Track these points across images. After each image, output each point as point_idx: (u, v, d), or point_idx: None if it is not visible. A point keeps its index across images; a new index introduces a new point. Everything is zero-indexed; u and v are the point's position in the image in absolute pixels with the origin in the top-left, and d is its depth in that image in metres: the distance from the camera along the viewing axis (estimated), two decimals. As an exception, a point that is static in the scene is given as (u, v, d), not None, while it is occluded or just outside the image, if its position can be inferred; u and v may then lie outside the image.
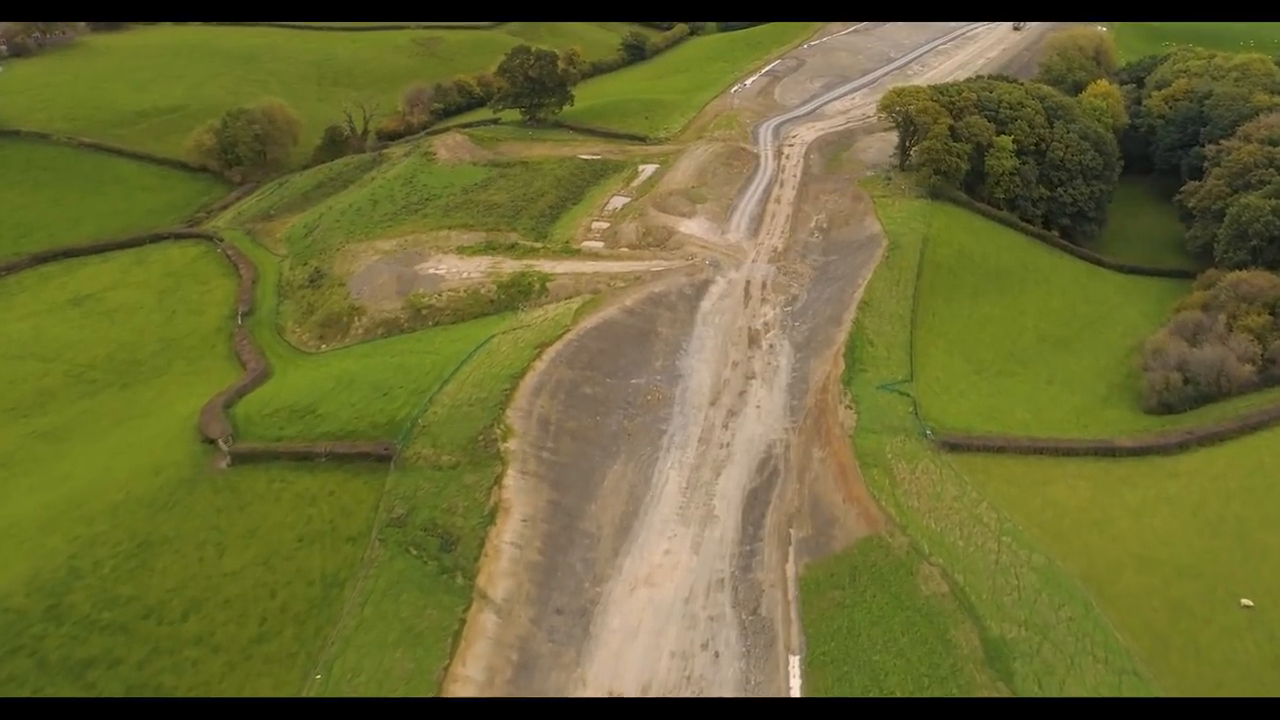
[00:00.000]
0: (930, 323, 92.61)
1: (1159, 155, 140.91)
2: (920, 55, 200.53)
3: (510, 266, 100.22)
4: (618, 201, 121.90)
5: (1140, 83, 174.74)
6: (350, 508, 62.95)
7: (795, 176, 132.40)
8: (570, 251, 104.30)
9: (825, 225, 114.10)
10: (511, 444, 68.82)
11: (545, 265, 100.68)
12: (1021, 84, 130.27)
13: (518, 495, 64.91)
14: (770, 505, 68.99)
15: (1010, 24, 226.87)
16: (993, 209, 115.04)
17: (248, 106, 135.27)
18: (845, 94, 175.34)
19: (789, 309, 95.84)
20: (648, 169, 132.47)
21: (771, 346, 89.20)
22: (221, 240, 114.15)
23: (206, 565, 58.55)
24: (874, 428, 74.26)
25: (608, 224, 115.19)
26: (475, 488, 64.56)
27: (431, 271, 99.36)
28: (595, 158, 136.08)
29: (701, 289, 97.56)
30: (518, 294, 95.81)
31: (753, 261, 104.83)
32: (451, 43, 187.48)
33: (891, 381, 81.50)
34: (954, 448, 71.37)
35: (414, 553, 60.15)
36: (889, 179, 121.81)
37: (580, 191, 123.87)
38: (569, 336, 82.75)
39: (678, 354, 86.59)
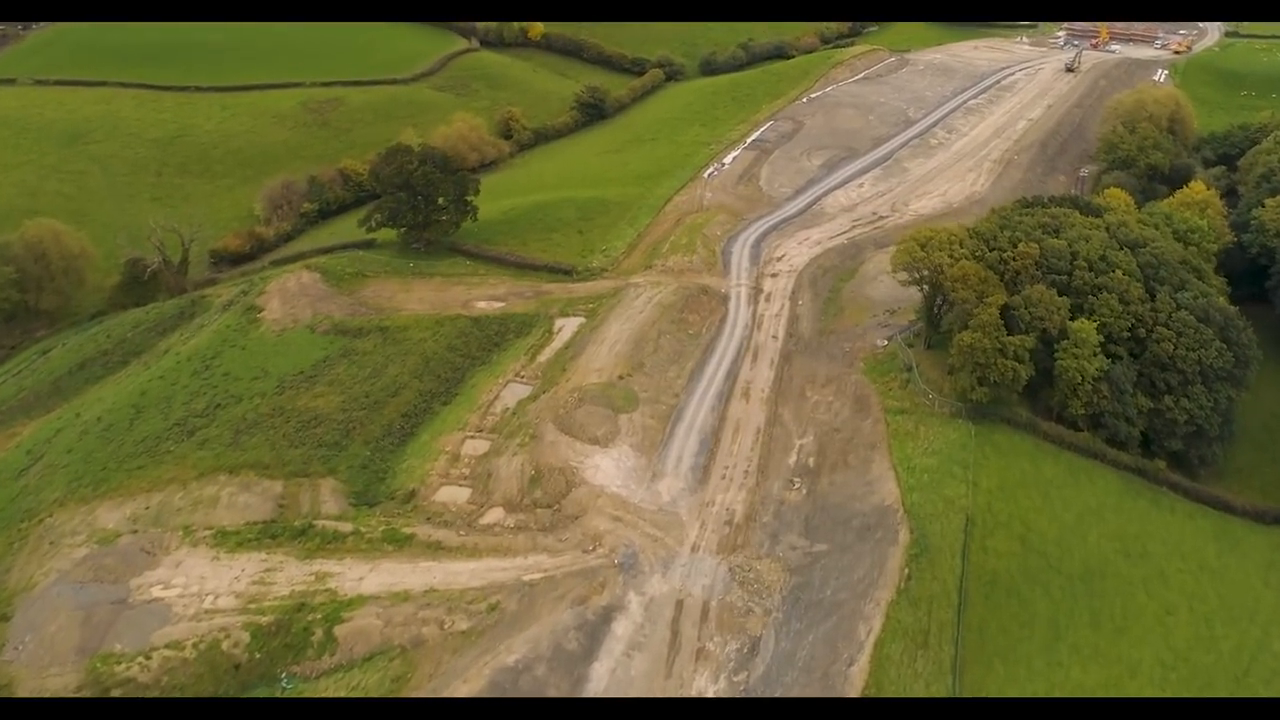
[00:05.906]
0: (983, 728, 53.19)
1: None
2: (946, 115, 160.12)
3: (288, 578, 61.23)
4: (511, 395, 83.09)
5: (1231, 165, 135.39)
6: None
7: (776, 340, 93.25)
8: (397, 539, 65.03)
9: (812, 462, 74.53)
10: None
11: (348, 575, 61.64)
12: (1100, 216, 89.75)
13: None
14: None
15: (1055, 66, 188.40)
16: (1068, 431, 75.36)
17: (2, 239, 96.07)
18: (852, 178, 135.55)
19: (740, 678, 56.51)
20: (567, 327, 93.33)
21: (702, 793, 50.10)
22: (-104, 478, 75.52)
23: None
24: None
25: (487, 444, 76.38)
26: None
27: (155, 594, 60.34)
28: (495, 308, 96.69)
29: (597, 633, 58.23)
30: (284, 649, 56.98)
31: (692, 551, 65.49)
32: (353, 107, 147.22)
33: None
34: None
35: None
36: (909, 370, 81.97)
37: (459, 378, 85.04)
38: None
39: (526, 834, 47.49)
